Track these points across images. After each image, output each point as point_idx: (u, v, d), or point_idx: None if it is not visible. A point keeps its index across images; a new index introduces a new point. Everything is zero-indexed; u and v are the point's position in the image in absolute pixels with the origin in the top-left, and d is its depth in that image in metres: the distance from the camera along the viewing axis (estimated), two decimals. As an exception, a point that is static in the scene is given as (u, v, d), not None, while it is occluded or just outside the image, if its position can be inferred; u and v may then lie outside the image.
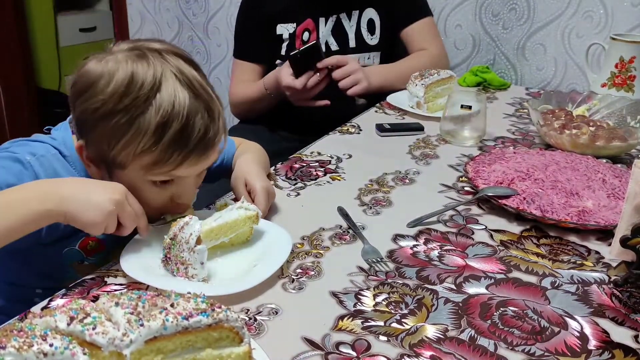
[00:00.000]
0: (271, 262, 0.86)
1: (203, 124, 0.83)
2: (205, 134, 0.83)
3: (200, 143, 0.83)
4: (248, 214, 0.90)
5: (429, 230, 1.00)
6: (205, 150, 0.85)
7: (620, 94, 1.52)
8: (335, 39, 1.72)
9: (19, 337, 0.51)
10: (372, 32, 1.74)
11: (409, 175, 1.22)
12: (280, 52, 1.74)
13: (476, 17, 1.88)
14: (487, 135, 1.40)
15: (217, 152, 0.89)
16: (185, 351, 0.59)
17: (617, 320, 0.79)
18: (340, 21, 1.72)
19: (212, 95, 0.87)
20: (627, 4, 1.65)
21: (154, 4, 2.53)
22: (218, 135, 0.86)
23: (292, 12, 1.71)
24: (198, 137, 0.83)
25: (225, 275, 0.86)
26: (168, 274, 0.84)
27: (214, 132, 0.85)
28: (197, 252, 0.81)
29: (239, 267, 0.88)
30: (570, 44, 1.75)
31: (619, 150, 1.28)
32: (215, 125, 0.85)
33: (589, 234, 0.99)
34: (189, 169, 0.85)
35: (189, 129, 0.82)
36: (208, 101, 0.85)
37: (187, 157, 0.83)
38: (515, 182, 1.09)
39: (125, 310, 0.57)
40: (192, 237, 0.82)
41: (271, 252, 0.90)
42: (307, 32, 1.71)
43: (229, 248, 0.92)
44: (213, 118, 0.85)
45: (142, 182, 0.86)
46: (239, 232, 0.91)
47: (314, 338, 0.74)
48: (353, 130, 1.47)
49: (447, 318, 0.78)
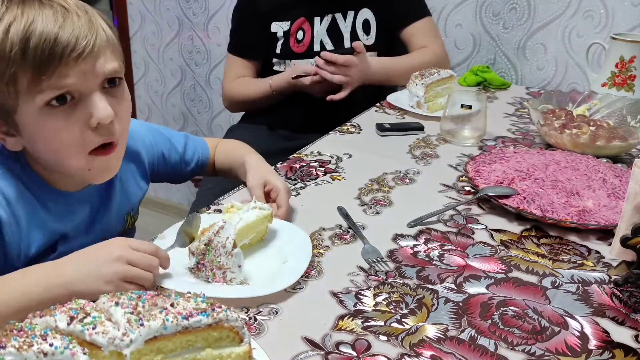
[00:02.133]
0: (300, 256, 0.88)
1: (59, 25, 0.76)
2: (67, 38, 0.76)
3: (66, 43, 0.76)
4: (264, 213, 0.92)
5: (429, 230, 1.00)
6: (81, 49, 0.77)
7: (620, 94, 1.52)
8: (330, 38, 1.72)
9: (19, 336, 0.51)
10: (368, 33, 1.74)
11: (409, 175, 1.22)
12: (275, 51, 1.74)
13: (476, 17, 1.88)
14: (488, 134, 1.40)
15: (115, 59, 0.82)
16: (185, 351, 0.59)
17: (618, 320, 0.79)
18: (335, 21, 1.72)
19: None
20: (627, 3, 1.65)
21: (154, 4, 2.54)
22: (88, 36, 0.78)
23: (287, 11, 1.71)
24: (64, 40, 0.76)
25: (259, 276, 0.86)
26: (200, 281, 0.83)
27: (79, 34, 0.77)
28: (235, 255, 0.81)
29: (269, 266, 0.88)
30: (571, 43, 1.75)
31: (619, 150, 1.28)
32: (78, 26, 0.78)
33: (589, 234, 0.99)
34: (75, 74, 0.77)
35: (43, 33, 0.75)
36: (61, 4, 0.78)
37: (59, 58, 0.76)
38: (515, 182, 1.09)
39: (125, 309, 0.57)
40: (228, 241, 0.81)
41: (293, 246, 0.91)
42: (301, 30, 1.71)
43: (248, 248, 0.91)
44: (72, 18, 0.78)
45: (43, 117, 0.78)
46: (257, 231, 0.92)
47: (314, 338, 0.74)
48: (353, 130, 1.47)
49: (447, 318, 0.78)
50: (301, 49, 1.72)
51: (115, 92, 0.83)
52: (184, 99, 2.65)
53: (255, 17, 1.73)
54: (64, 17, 0.77)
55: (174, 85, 2.65)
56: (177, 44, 2.56)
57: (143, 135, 1.05)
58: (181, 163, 1.14)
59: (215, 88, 2.52)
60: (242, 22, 1.78)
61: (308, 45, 1.72)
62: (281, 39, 1.72)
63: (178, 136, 1.15)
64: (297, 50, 1.72)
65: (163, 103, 2.72)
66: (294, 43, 1.71)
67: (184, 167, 1.15)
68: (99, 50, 0.79)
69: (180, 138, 1.14)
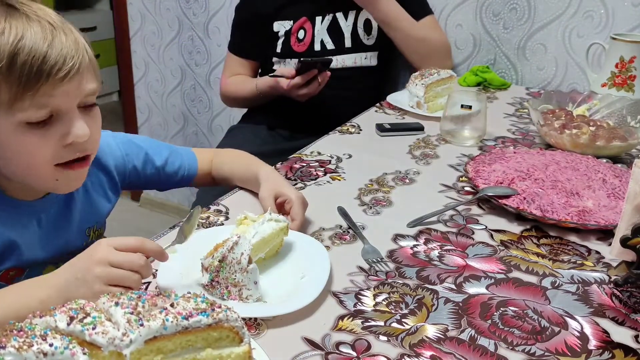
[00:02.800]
0: (318, 271, 0.84)
1: (48, 43, 0.76)
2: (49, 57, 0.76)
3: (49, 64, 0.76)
4: (280, 225, 0.88)
5: (429, 230, 1.00)
6: (67, 69, 0.77)
7: (620, 94, 1.52)
8: (330, 37, 1.72)
9: (18, 336, 0.51)
10: (369, 32, 1.75)
11: (409, 175, 1.22)
12: (276, 50, 1.74)
13: (477, 17, 1.87)
14: (488, 135, 1.40)
15: (95, 80, 0.83)
16: (185, 351, 0.59)
17: (618, 320, 0.79)
18: (336, 20, 1.72)
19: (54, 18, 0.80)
20: (628, 3, 1.65)
21: (154, 4, 2.54)
22: (75, 57, 0.78)
23: (289, 10, 1.71)
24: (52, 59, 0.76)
25: (276, 293, 0.82)
26: (214, 298, 0.79)
27: (66, 54, 0.78)
28: (251, 271, 0.79)
29: (287, 282, 0.85)
30: (571, 43, 1.75)
31: (619, 150, 1.28)
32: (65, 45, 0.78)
33: (589, 234, 0.99)
34: (59, 94, 0.78)
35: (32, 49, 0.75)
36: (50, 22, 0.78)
37: (47, 76, 0.76)
38: (515, 182, 1.09)
39: (125, 310, 0.57)
40: (243, 257, 0.78)
41: (310, 260, 0.88)
42: (302, 30, 1.72)
43: (263, 263, 0.88)
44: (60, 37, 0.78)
45: (19, 133, 0.78)
46: (272, 245, 0.89)
47: (314, 338, 0.74)
48: (353, 130, 1.47)
49: (447, 318, 0.78)
50: (302, 47, 1.72)
51: (90, 110, 0.84)
52: (184, 99, 2.65)
53: (257, 17, 1.74)
54: (52, 35, 0.77)
55: (174, 85, 2.65)
56: (177, 44, 2.56)
57: (113, 148, 1.04)
58: (159, 175, 1.11)
59: (215, 88, 2.52)
60: (243, 22, 1.79)
61: (309, 44, 1.72)
62: (282, 37, 1.72)
63: (160, 148, 1.12)
64: (298, 49, 1.72)
65: (163, 103, 2.72)
66: (295, 42, 1.72)
67: (165, 179, 1.12)
68: (83, 72, 0.80)
69: (162, 150, 1.11)
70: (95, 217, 1.00)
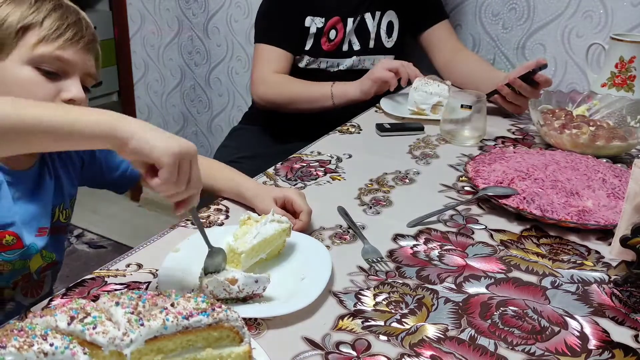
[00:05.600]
0: (319, 272, 0.84)
1: (79, 15, 0.92)
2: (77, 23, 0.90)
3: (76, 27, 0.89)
4: (283, 226, 0.88)
5: (429, 230, 1.00)
6: (89, 41, 0.91)
7: (620, 94, 1.52)
8: (357, 38, 1.72)
9: (19, 336, 0.51)
10: (390, 35, 1.75)
11: (409, 175, 1.22)
12: (304, 47, 1.69)
13: (476, 17, 1.88)
14: (487, 135, 1.40)
15: (96, 70, 0.94)
16: (185, 351, 0.59)
17: (617, 320, 0.79)
18: (364, 21, 1.71)
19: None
20: (627, 3, 1.65)
21: (154, 4, 2.54)
22: (94, 40, 0.93)
23: (323, 7, 1.68)
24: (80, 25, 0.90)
25: (276, 292, 0.81)
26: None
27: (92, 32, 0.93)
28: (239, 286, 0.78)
29: (287, 282, 0.84)
30: (570, 43, 1.75)
31: (619, 150, 1.28)
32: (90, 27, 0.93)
33: (589, 234, 0.99)
34: (73, 54, 0.88)
35: (69, 8, 0.91)
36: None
37: (72, 36, 0.88)
38: (515, 182, 1.09)
39: (126, 309, 0.57)
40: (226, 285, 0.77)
41: (311, 261, 0.88)
42: (334, 30, 1.69)
43: (263, 263, 0.89)
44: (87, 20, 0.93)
45: (25, 72, 0.86)
46: (274, 246, 0.89)
47: (314, 338, 0.74)
48: (353, 130, 1.47)
49: (447, 318, 0.78)
50: (331, 47, 1.70)
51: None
52: (183, 100, 2.65)
53: (292, 6, 1.67)
54: (81, 13, 0.93)
55: (173, 85, 2.65)
56: (176, 45, 2.56)
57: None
58: (102, 169, 1.08)
59: (215, 88, 2.52)
60: (280, 10, 1.69)
61: (338, 45, 1.70)
62: (312, 36, 1.68)
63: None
64: (327, 49, 1.70)
65: (163, 103, 2.72)
66: (325, 41, 1.69)
67: (107, 173, 1.09)
68: (96, 55, 0.93)
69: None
70: (61, 198, 1.00)
